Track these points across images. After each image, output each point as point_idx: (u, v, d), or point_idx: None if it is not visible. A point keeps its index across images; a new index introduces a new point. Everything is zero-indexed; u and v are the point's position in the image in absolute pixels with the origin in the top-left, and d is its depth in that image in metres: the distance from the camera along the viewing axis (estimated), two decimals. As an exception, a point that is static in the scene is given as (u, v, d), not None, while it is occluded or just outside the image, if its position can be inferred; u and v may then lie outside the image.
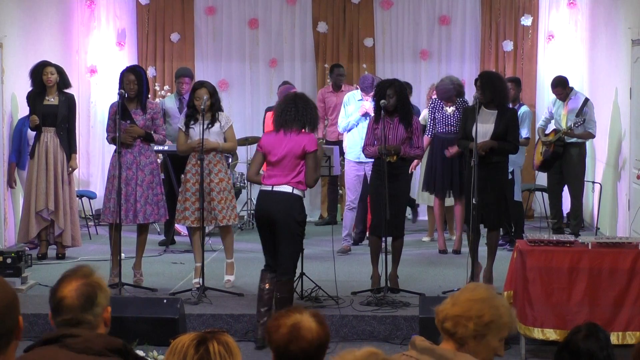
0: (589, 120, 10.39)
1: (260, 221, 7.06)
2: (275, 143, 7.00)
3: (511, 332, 3.34)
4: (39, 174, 9.43)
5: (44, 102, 9.39)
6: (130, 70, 8.39)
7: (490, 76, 8.30)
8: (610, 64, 10.99)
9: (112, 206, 8.20)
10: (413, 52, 12.83)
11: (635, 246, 6.98)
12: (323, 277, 8.36)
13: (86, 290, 3.00)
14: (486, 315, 3.24)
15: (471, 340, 3.25)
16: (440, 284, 8.40)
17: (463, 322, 3.24)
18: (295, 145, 6.93)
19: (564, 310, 6.82)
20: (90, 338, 2.92)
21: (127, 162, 8.27)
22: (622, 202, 10.37)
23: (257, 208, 7.10)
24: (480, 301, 3.26)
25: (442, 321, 3.28)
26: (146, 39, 12.88)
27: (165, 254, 10.04)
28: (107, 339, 2.97)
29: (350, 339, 7.24)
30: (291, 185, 6.93)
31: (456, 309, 3.26)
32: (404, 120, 7.99)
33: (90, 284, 3.02)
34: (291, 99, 7.13)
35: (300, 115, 6.98)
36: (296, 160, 6.94)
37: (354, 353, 2.71)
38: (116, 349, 2.95)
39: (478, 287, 3.37)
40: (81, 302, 2.97)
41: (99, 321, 3.02)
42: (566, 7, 12.64)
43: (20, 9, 10.60)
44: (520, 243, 7.19)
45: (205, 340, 2.75)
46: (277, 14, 12.86)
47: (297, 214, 6.93)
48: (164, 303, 7.25)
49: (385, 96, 7.91)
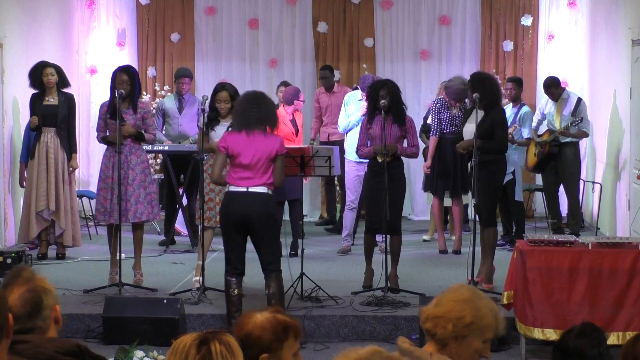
0: (584, 120, 10.43)
1: (231, 223, 7.01)
2: (243, 145, 6.98)
3: (497, 333, 3.30)
4: (40, 174, 9.43)
5: (44, 102, 9.40)
6: (124, 70, 8.38)
7: (481, 77, 8.37)
8: (610, 64, 11.00)
9: (103, 207, 8.23)
10: (413, 52, 12.83)
11: (635, 246, 6.98)
12: (323, 277, 8.37)
13: (30, 297, 2.95)
14: (467, 316, 3.21)
15: (452, 342, 3.23)
16: (440, 284, 8.39)
17: (442, 323, 3.22)
18: (269, 148, 6.98)
19: (564, 310, 6.82)
20: (40, 343, 2.89)
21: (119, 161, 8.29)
22: (622, 202, 10.37)
23: (228, 209, 7.01)
24: (462, 302, 3.23)
25: (424, 321, 3.28)
26: (146, 39, 12.88)
27: (165, 254, 10.03)
28: (58, 342, 2.93)
29: (350, 339, 7.24)
30: (266, 186, 7.01)
31: (437, 310, 3.25)
32: (397, 119, 8.05)
33: (33, 289, 2.97)
34: (253, 99, 7.09)
35: (263, 116, 7.01)
36: (269, 163, 7.00)
37: (357, 351, 2.72)
38: (69, 351, 2.91)
39: (462, 287, 3.34)
40: (27, 310, 2.93)
41: (48, 323, 2.98)
42: (566, 7, 12.64)
43: (20, 9, 10.60)
44: (521, 243, 7.19)
45: (207, 341, 2.74)
46: (277, 14, 12.86)
47: (275, 212, 7.28)
48: (164, 303, 7.25)
49: (379, 97, 7.97)
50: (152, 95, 12.68)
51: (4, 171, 10.00)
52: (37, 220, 9.50)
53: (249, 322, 3.15)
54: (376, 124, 8.06)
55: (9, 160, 10.23)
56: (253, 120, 6.97)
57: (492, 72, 12.62)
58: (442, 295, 3.32)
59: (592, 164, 11.55)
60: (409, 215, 12.70)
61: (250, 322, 3.16)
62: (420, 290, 7.96)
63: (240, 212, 6.95)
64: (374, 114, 8.08)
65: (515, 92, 10.46)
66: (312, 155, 8.10)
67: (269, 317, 3.17)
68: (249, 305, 7.57)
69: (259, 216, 6.93)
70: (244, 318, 3.22)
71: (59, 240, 9.63)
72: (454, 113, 9.85)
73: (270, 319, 3.16)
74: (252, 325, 3.14)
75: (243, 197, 6.97)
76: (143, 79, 12.83)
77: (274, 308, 3.27)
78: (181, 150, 10.33)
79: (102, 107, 8.41)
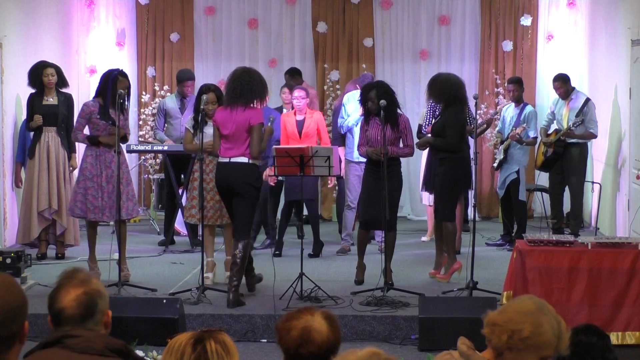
0: (590, 120, 10.35)
1: (221, 190, 7.79)
2: (225, 118, 7.67)
3: (559, 352, 3.15)
4: (41, 174, 9.45)
5: (44, 102, 9.43)
6: (124, 75, 8.50)
7: (433, 78, 8.70)
8: (609, 64, 10.99)
9: (93, 205, 8.37)
10: (413, 52, 12.82)
11: (634, 246, 6.98)
12: (323, 277, 8.37)
13: (86, 300, 2.96)
14: (525, 330, 3.06)
15: (507, 352, 3.09)
16: (440, 284, 8.40)
17: (498, 332, 3.09)
18: (243, 120, 7.60)
19: (564, 310, 6.81)
20: (91, 338, 2.90)
21: (106, 160, 8.41)
22: (621, 202, 10.37)
23: (217, 178, 7.76)
24: (523, 314, 3.09)
25: (485, 326, 3.14)
26: (146, 39, 12.87)
27: (165, 254, 10.03)
28: (107, 338, 2.95)
29: (350, 339, 7.22)
30: (246, 156, 7.62)
31: (499, 317, 3.11)
32: (389, 120, 8.12)
33: (89, 292, 2.98)
34: (237, 76, 7.70)
35: (246, 92, 7.60)
36: (247, 134, 7.61)
37: (356, 353, 2.69)
38: (117, 349, 2.93)
39: (529, 299, 3.18)
40: (81, 312, 2.95)
41: (99, 328, 3.00)
42: (566, 7, 12.63)
43: (20, 9, 10.60)
44: (520, 243, 7.20)
45: (202, 339, 2.74)
46: (276, 14, 12.85)
47: (254, 180, 7.67)
48: (164, 303, 7.24)
49: (369, 99, 8.14)
50: (151, 95, 12.68)
51: (4, 171, 10.00)
52: (38, 220, 9.51)
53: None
54: (372, 125, 8.23)
55: (10, 160, 10.22)
56: (235, 95, 7.62)
57: (492, 72, 12.66)
58: (510, 303, 3.19)
59: (591, 164, 11.55)
60: (408, 216, 12.70)
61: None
62: (420, 290, 7.95)
63: (224, 180, 7.67)
64: (369, 115, 8.26)
65: (517, 92, 10.45)
66: (312, 155, 8.10)
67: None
68: (249, 305, 7.58)
69: (237, 184, 7.58)
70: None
71: (60, 239, 9.64)
72: None
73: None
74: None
75: (226, 166, 7.67)
76: (142, 79, 12.84)
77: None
78: (181, 150, 10.30)
79: (88, 107, 8.46)
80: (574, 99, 10.52)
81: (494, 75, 12.64)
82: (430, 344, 6.85)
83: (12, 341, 2.56)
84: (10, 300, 2.55)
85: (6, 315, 2.52)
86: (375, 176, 8.12)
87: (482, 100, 12.32)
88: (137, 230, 11.57)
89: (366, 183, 8.36)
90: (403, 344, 7.18)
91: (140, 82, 12.84)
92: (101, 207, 8.37)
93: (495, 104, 12.37)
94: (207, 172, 8.30)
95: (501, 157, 10.35)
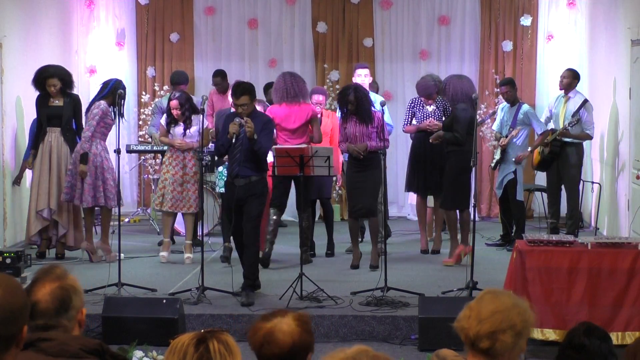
0: (587, 122, 10.35)
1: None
2: (286, 114, 9.07)
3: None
4: (42, 174, 9.49)
5: (49, 103, 9.60)
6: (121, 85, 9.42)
7: (446, 80, 9.59)
8: (609, 63, 10.99)
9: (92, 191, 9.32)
10: (412, 52, 12.83)
11: (634, 246, 6.98)
12: (322, 277, 8.37)
13: (60, 294, 2.96)
14: (518, 323, 3.06)
15: (508, 352, 3.07)
16: (440, 284, 8.39)
17: (500, 337, 3.04)
18: (304, 115, 9.06)
19: (564, 310, 6.82)
20: (65, 340, 2.89)
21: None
22: (621, 202, 10.37)
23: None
24: (506, 311, 3.06)
25: (475, 341, 3.04)
26: (145, 39, 12.88)
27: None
28: (82, 340, 2.94)
29: (350, 339, 7.23)
30: (306, 143, 8.84)
31: (486, 326, 3.04)
32: (364, 119, 8.98)
33: (64, 287, 2.97)
34: (289, 79, 9.16)
35: (299, 91, 9.15)
36: (306, 126, 9.13)
37: (344, 351, 2.69)
38: (92, 349, 2.92)
39: (498, 295, 3.13)
40: (55, 306, 2.94)
41: (73, 324, 2.99)
42: (566, 7, 12.64)
43: (20, 9, 10.60)
44: (520, 243, 7.20)
45: (205, 339, 2.74)
46: (276, 14, 12.86)
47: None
48: (164, 303, 7.25)
49: (348, 101, 8.96)
50: (151, 95, 12.68)
51: (4, 171, 9.99)
52: (36, 219, 9.50)
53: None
54: (350, 123, 9.05)
55: (10, 160, 10.21)
56: (292, 95, 9.08)
57: (492, 72, 12.66)
58: (479, 308, 3.07)
59: (590, 164, 11.55)
60: (407, 215, 12.71)
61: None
62: (420, 290, 7.94)
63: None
64: (347, 115, 9.07)
65: (511, 94, 10.43)
66: (312, 155, 8.11)
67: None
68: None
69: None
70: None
71: (62, 240, 9.65)
72: (429, 110, 9.87)
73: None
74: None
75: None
76: (142, 79, 12.85)
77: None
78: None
79: (106, 108, 9.47)
80: (572, 99, 10.53)
81: (494, 75, 12.65)
82: (430, 344, 6.85)
83: (9, 343, 2.56)
84: (12, 302, 2.55)
85: (7, 316, 2.52)
86: (356, 170, 9.02)
87: (482, 100, 12.34)
88: (136, 230, 11.57)
89: (349, 177, 9.17)
90: (403, 344, 7.18)
91: (140, 82, 12.85)
92: (96, 195, 9.36)
93: (495, 104, 12.37)
94: (174, 165, 9.32)
95: (498, 157, 10.35)
